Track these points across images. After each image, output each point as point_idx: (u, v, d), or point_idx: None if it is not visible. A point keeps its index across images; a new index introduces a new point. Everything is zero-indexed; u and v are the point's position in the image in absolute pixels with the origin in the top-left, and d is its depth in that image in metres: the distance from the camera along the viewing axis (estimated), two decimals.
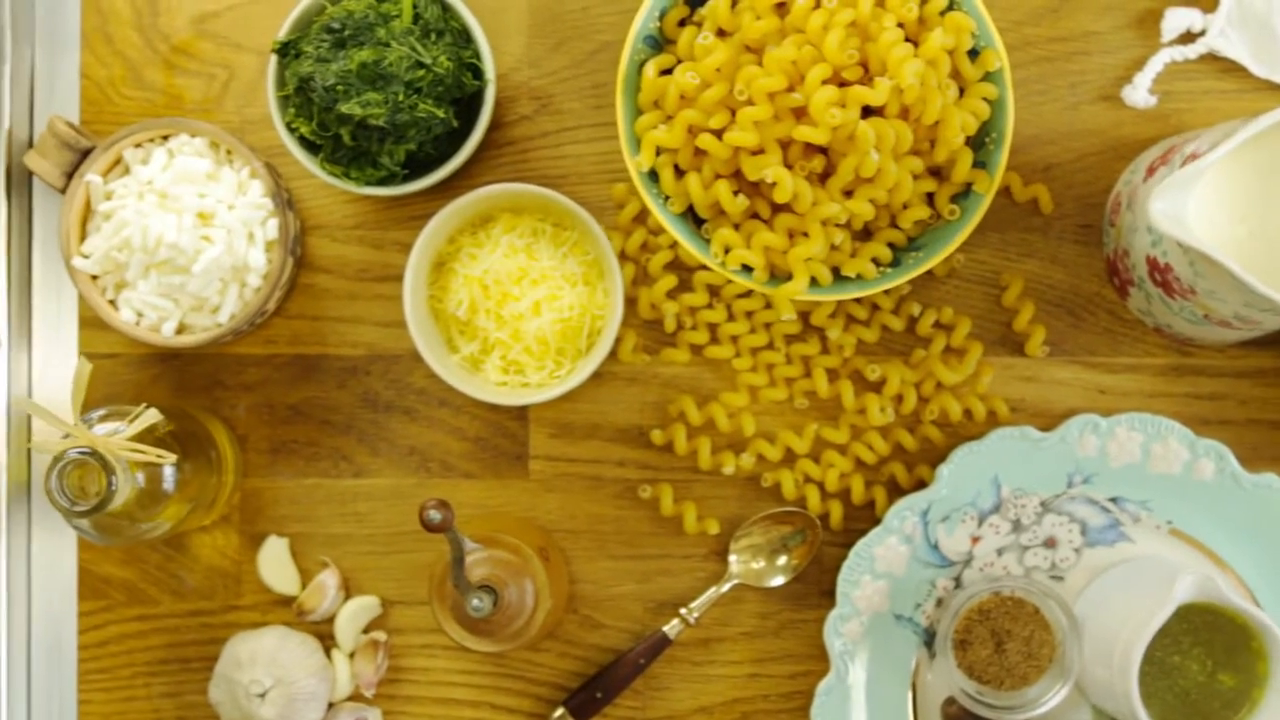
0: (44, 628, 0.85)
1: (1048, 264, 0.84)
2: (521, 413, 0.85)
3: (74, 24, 0.86)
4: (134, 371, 0.85)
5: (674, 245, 0.83)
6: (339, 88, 0.76)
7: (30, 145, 0.85)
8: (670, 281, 0.83)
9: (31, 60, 0.86)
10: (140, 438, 0.75)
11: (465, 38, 0.80)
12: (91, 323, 0.85)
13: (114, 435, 0.74)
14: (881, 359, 0.84)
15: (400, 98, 0.76)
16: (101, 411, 0.77)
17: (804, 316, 0.83)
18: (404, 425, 0.85)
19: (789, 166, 0.75)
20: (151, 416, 0.75)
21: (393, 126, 0.77)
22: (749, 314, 0.83)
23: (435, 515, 0.72)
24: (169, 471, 0.77)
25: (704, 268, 0.83)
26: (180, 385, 0.85)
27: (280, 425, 0.85)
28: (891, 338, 0.84)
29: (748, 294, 0.83)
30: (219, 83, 0.86)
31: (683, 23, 0.79)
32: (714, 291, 0.84)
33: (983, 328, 0.84)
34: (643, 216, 0.84)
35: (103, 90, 0.86)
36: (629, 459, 0.85)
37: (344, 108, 0.76)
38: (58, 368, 0.85)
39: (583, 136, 0.85)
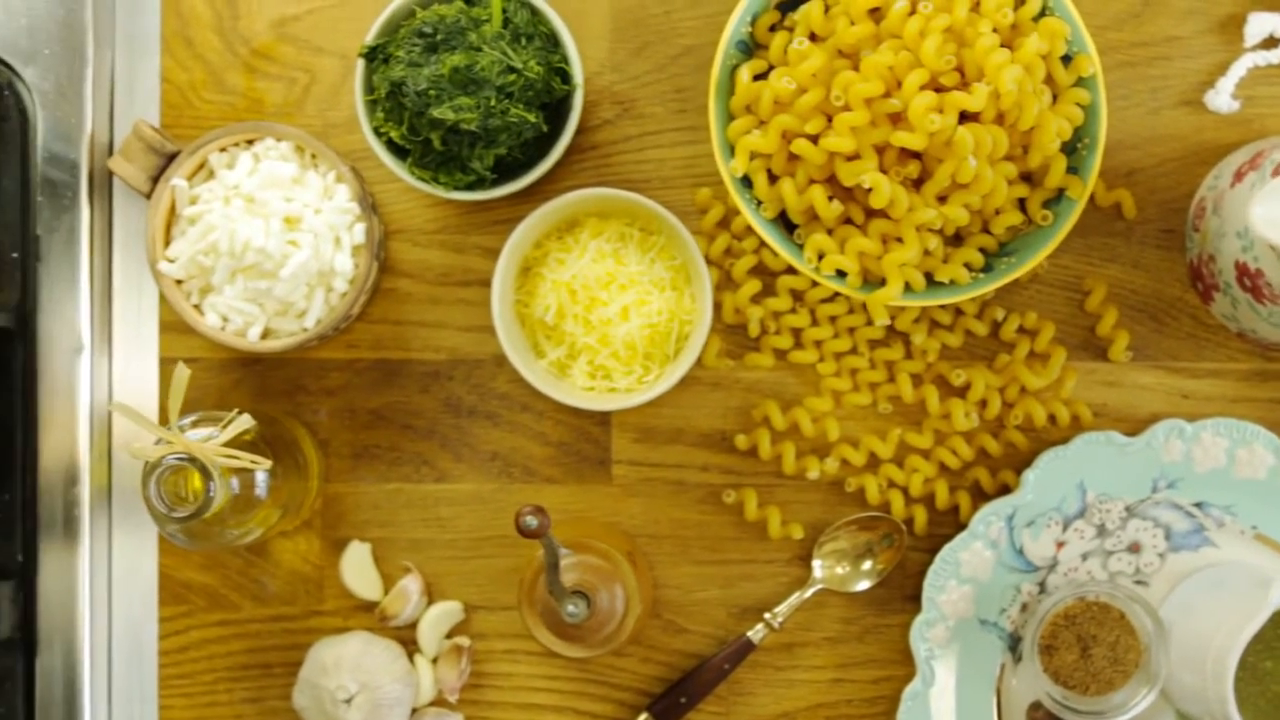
0: (124, 633, 0.84)
1: (1130, 269, 0.84)
2: (604, 418, 0.85)
3: (154, 28, 0.86)
4: (215, 376, 0.85)
5: (758, 250, 0.83)
6: (431, 92, 0.76)
7: (111, 150, 0.85)
8: (754, 286, 0.83)
9: (112, 64, 0.85)
10: (230, 443, 0.75)
11: (553, 42, 0.80)
12: (173, 327, 0.85)
13: (208, 441, 0.74)
14: (965, 364, 0.84)
15: (492, 102, 0.76)
16: (192, 417, 0.77)
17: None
18: (486, 430, 0.85)
19: (884, 171, 0.75)
20: (244, 422, 0.75)
21: (484, 131, 0.77)
22: (833, 319, 0.83)
23: (532, 521, 0.72)
24: (261, 477, 0.76)
25: (788, 272, 0.83)
26: (262, 390, 0.85)
27: (362, 430, 0.85)
28: (974, 342, 0.84)
29: (832, 299, 0.83)
30: (300, 86, 0.85)
31: (773, 28, 0.79)
32: (798, 296, 0.83)
33: (1066, 332, 0.84)
34: (726, 221, 0.84)
35: (183, 94, 0.86)
36: (712, 464, 0.84)
37: (436, 112, 0.76)
38: (138, 372, 0.85)
39: (665, 141, 0.85)
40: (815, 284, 0.83)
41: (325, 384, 0.85)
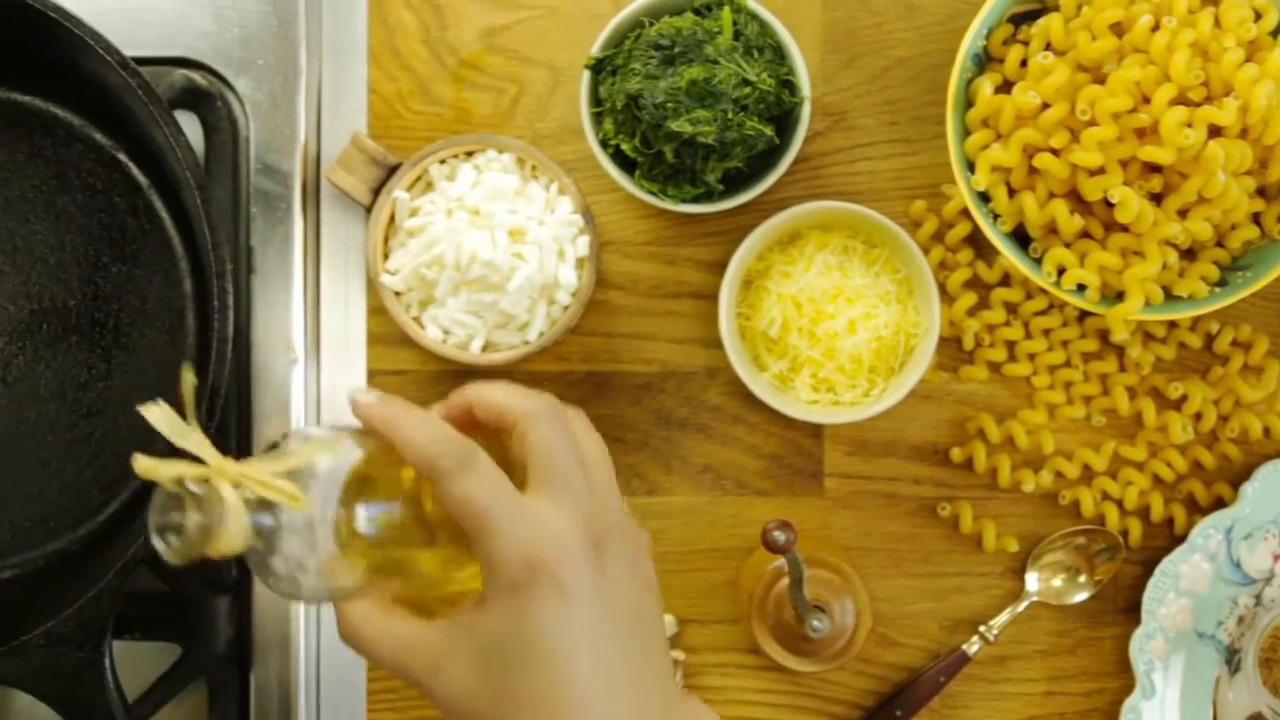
0: (333, 646, 0.84)
1: None
2: (817, 430, 0.84)
3: (361, 38, 0.85)
4: (423, 389, 0.84)
5: (972, 263, 0.83)
6: (669, 105, 0.76)
7: (319, 161, 0.85)
8: (970, 299, 0.83)
9: (319, 75, 0.85)
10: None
11: (779, 55, 0.79)
12: (381, 339, 0.84)
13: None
14: (1178, 376, 0.84)
15: (729, 115, 0.76)
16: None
17: (1101, 334, 0.83)
18: (698, 443, 0.84)
19: (1127, 185, 0.74)
20: (307, 453, 0.54)
21: (720, 144, 0.76)
22: (1046, 332, 0.83)
23: (780, 536, 0.72)
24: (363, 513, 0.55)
25: (1002, 285, 0.83)
26: None
27: None
28: (1187, 355, 0.84)
29: (1046, 311, 0.83)
30: (508, 97, 0.85)
31: (1005, 41, 0.79)
32: (1012, 309, 0.83)
33: None
34: (940, 234, 0.84)
35: (390, 105, 0.85)
36: (924, 476, 0.84)
37: (674, 125, 0.76)
38: (346, 385, 0.84)
39: (876, 153, 0.85)
40: (1029, 296, 0.83)
41: None
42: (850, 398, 0.80)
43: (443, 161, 0.81)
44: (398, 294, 0.80)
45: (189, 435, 0.52)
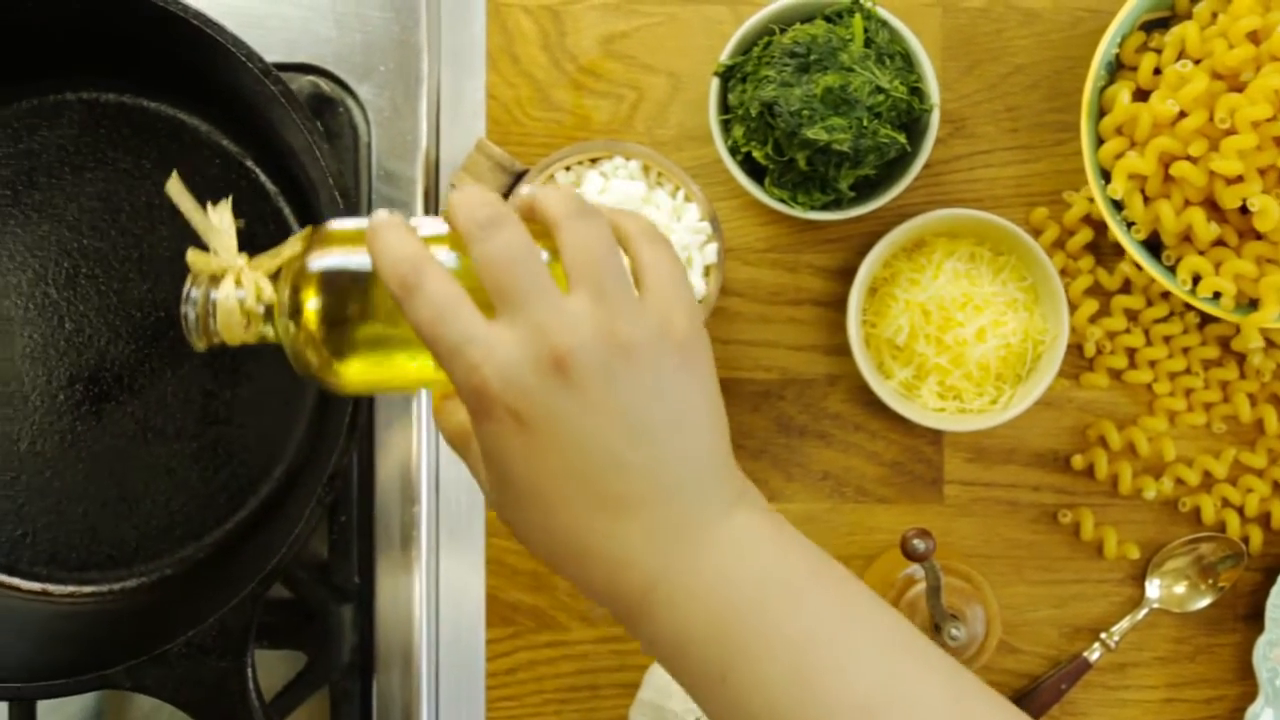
0: (452, 654, 0.84)
1: None
2: (936, 437, 0.84)
3: (479, 44, 0.85)
4: None
5: (1093, 270, 0.83)
6: (804, 113, 0.76)
7: (438, 167, 0.84)
8: (1091, 306, 0.83)
9: (438, 80, 0.84)
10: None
11: (907, 62, 0.79)
12: None
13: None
14: None
15: (864, 123, 0.76)
16: None
17: (1222, 341, 0.83)
18: (819, 450, 0.84)
19: (1266, 193, 0.75)
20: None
21: (854, 151, 0.76)
22: (1167, 339, 0.83)
23: (920, 544, 0.72)
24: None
25: (1122, 292, 0.83)
26: None
27: None
28: None
29: (1166, 319, 0.83)
30: (627, 104, 0.85)
31: (1138, 49, 0.79)
32: (1132, 316, 0.83)
33: None
34: (1061, 241, 0.84)
35: (508, 110, 0.85)
36: (1044, 483, 0.84)
37: (809, 133, 0.76)
38: None
39: (996, 160, 0.85)
40: (1150, 304, 0.83)
41: None
42: (978, 405, 0.80)
43: (568, 168, 0.81)
44: None
45: (211, 230, 0.58)
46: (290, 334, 0.55)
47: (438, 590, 0.84)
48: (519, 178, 0.80)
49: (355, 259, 0.55)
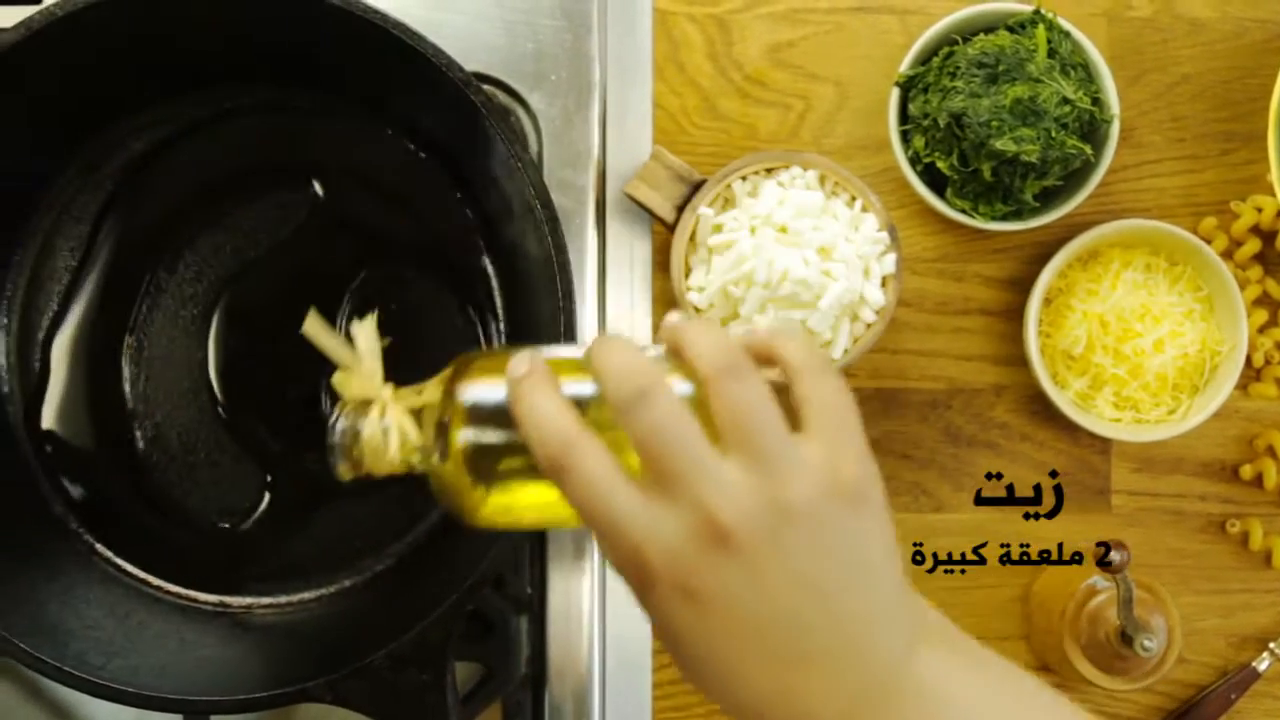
0: (619, 664, 0.83)
1: None
2: (1104, 447, 0.84)
3: (646, 52, 0.84)
4: None
5: (1262, 280, 0.83)
6: (993, 124, 0.76)
7: (605, 175, 0.84)
8: (1261, 317, 0.83)
9: (604, 88, 0.84)
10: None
11: (1087, 72, 0.79)
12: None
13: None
14: None
15: (1052, 134, 0.76)
16: None
17: None
18: (986, 459, 0.84)
19: None
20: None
21: (1041, 162, 0.76)
22: None
23: (1117, 557, 0.72)
24: None
25: None
26: None
27: None
28: None
29: None
30: (795, 114, 0.85)
31: None
32: None
33: None
34: (1229, 252, 0.84)
35: (675, 120, 0.85)
36: (1211, 493, 0.84)
37: (998, 144, 0.76)
38: None
39: (1163, 170, 0.85)
40: None
41: None
42: (1154, 416, 0.80)
43: (744, 178, 0.80)
44: (699, 310, 0.80)
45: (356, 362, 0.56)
46: (436, 469, 0.53)
47: (604, 599, 0.83)
48: (697, 188, 0.80)
49: (504, 392, 0.51)
